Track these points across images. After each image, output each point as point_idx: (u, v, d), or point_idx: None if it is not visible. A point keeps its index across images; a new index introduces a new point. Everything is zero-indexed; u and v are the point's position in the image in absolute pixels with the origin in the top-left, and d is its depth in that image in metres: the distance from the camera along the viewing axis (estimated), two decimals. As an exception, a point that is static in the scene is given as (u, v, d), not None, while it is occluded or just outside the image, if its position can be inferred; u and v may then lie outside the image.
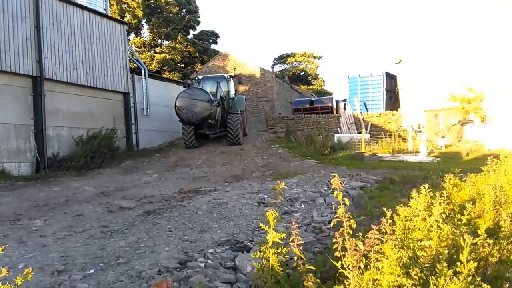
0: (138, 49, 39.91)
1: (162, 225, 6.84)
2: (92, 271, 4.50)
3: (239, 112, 20.47)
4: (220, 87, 20.00)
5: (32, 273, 1.74)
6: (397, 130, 22.88)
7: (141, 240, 5.89)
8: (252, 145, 20.07)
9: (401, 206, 3.54)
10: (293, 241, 3.29)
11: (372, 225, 2.89)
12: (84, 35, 18.42)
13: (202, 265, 4.50)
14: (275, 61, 59.94)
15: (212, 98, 18.13)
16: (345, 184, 10.43)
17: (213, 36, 46.83)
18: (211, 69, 34.45)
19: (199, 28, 45.23)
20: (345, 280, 2.86)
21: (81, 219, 7.61)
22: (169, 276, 4.16)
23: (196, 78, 22.20)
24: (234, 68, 27.56)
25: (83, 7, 18.60)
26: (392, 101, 29.36)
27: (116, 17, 27.90)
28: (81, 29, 18.32)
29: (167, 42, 42.85)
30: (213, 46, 46.12)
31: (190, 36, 43.96)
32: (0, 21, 14.73)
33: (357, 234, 3.02)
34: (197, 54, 43.36)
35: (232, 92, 22.02)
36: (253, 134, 23.30)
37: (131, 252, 5.23)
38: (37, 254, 5.31)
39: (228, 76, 22.20)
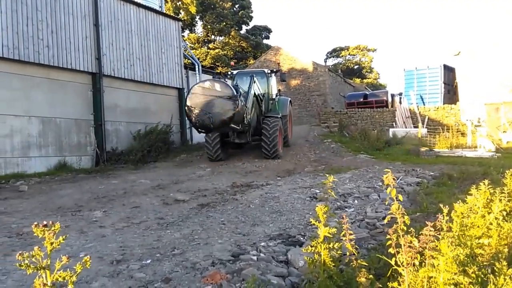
0: (192, 45, 40.70)
1: (215, 218, 6.96)
2: (148, 261, 4.65)
3: (279, 116, 16.42)
4: (254, 82, 15.54)
5: (90, 261, 1.82)
6: (455, 124, 21.96)
7: (195, 232, 6.03)
8: (304, 139, 19.96)
9: (459, 203, 3.41)
10: (344, 236, 3.26)
11: (427, 222, 2.81)
12: (140, 32, 19.04)
13: (255, 258, 4.54)
14: (328, 54, 59.30)
15: (236, 94, 12.90)
16: (400, 180, 10.17)
17: (265, 31, 46.96)
18: (263, 63, 34.53)
19: (251, 23, 45.55)
20: (399, 277, 2.81)
21: (138, 211, 7.89)
22: (223, 268, 4.23)
23: (229, 74, 17.62)
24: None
25: (139, 5, 19.19)
26: (451, 94, 28.23)
27: (171, 14, 28.56)
28: (138, 27, 18.94)
29: (220, 38, 43.43)
30: (265, 41, 46.29)
31: (242, 31, 44.32)
32: (62, 20, 15.51)
33: (411, 231, 2.94)
34: (250, 49, 43.65)
35: (274, 91, 18.10)
36: (305, 129, 23.15)
37: (186, 244, 5.37)
38: (96, 244, 5.55)
39: (268, 72, 17.94)
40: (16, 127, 14.02)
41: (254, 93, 15.43)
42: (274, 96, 17.68)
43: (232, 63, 25.15)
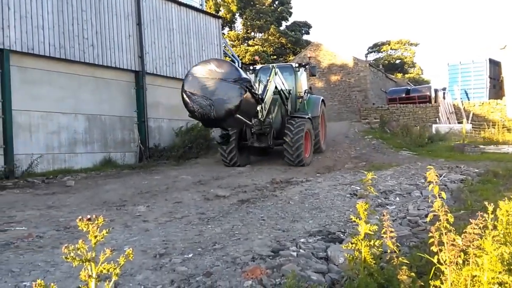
0: (232, 43, 40.99)
1: (255, 214, 7.01)
2: (190, 255, 4.73)
3: (307, 117, 14.21)
4: (276, 74, 13.22)
5: (133, 254, 1.87)
6: (501, 120, 21.13)
7: (236, 227, 6.09)
8: (344, 136, 19.73)
9: (505, 201, 3.30)
10: (385, 233, 3.22)
11: (471, 220, 2.74)
12: (181, 31, 19.36)
13: (294, 254, 4.54)
14: (369, 49, 58.27)
15: (245, 77, 10.43)
16: (444, 177, 9.90)
17: (305, 27, 46.66)
18: (302, 60, 34.33)
19: (291, 19, 45.37)
20: (441, 275, 2.75)
21: (180, 206, 8.04)
22: (262, 263, 4.26)
23: (252, 69, 15.26)
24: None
25: (180, 3, 19.50)
26: (496, 89, 27.22)
27: (212, 12, 28.86)
28: (179, 25, 19.26)
29: (260, 35, 43.50)
30: (305, 37, 46.02)
31: (282, 28, 44.19)
32: (106, 20, 16.00)
33: (455, 229, 2.87)
34: (289, 45, 43.50)
35: (304, 88, 15.98)
36: (345, 125, 22.88)
37: (226, 239, 5.44)
38: (140, 237, 5.69)
39: (296, 66, 15.82)
40: (63, 124, 14.60)
41: (276, 88, 13.31)
42: (302, 94, 15.50)
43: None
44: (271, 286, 3.70)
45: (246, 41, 43.33)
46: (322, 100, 16.69)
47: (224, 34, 40.59)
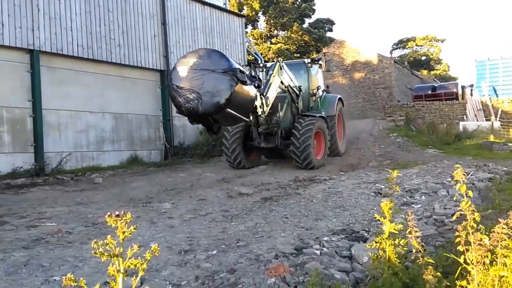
0: (255, 41, 41.03)
1: (278, 212, 7.02)
2: (214, 252, 4.78)
3: (318, 116, 13.05)
4: (281, 68, 12.12)
5: (159, 249, 1.91)
6: (531, 117, 20.55)
7: (259, 225, 6.12)
8: (368, 134, 19.53)
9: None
10: (410, 232, 3.19)
11: (500, 219, 2.69)
12: (205, 30, 19.49)
13: (318, 252, 4.54)
14: (393, 46, 57.46)
15: (235, 68, 9.10)
16: (471, 175, 9.71)
17: (328, 24, 46.33)
18: (323, 57, 34.10)
19: (314, 16, 45.10)
20: (468, 275, 2.71)
21: (204, 203, 8.12)
22: (286, 260, 4.27)
23: (261, 65, 14.45)
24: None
25: (204, 2, 19.63)
26: (526, 85, 26.46)
27: (235, 11, 28.94)
28: (203, 24, 19.40)
29: (283, 32, 43.39)
30: (328, 34, 45.68)
31: (305, 25, 43.98)
32: (132, 20, 16.27)
33: (482, 228, 2.83)
34: (313, 42, 43.25)
35: (319, 85, 14.88)
36: (369, 123, 22.64)
37: (250, 236, 5.47)
38: (166, 234, 5.78)
39: (309, 62, 14.77)
40: (91, 122, 14.94)
41: (282, 83, 12.24)
42: (315, 91, 14.40)
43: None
44: (294, 283, 3.71)
45: (269, 39, 43.29)
46: (340, 99, 15.55)
47: (247, 33, 40.65)
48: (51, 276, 4.12)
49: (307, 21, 44.64)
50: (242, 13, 32.00)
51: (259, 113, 11.00)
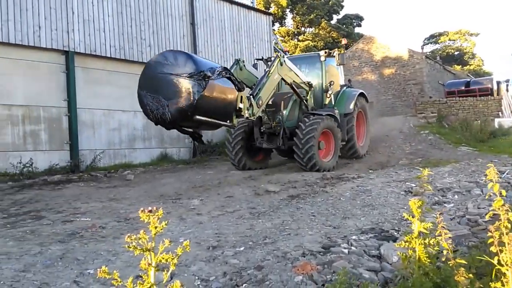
0: (283, 38, 40.92)
1: (305, 210, 7.01)
2: (242, 248, 4.83)
3: (325, 114, 11.89)
4: (281, 64, 10.80)
5: (189, 245, 1.95)
6: None
7: (286, 222, 6.13)
8: (398, 131, 19.21)
9: None
10: (440, 234, 3.14)
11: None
12: (233, 29, 19.61)
13: (346, 251, 4.52)
14: (425, 41, 56.34)
15: (202, 70, 7.96)
16: (507, 174, 9.43)
17: (357, 19, 45.78)
18: (354, 53, 33.74)
19: (342, 12, 44.63)
20: (502, 277, 2.66)
21: (232, 200, 8.20)
22: (313, 259, 4.27)
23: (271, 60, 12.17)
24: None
25: (232, 2, 19.74)
26: None
27: (262, 9, 28.94)
28: (231, 23, 19.52)
29: (311, 29, 43.12)
30: (357, 30, 45.18)
31: (333, 21, 43.58)
32: (162, 21, 16.56)
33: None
34: (341, 39, 42.83)
35: (338, 80, 13.89)
36: (399, 120, 22.25)
37: (277, 233, 5.49)
38: (194, 230, 5.88)
39: (322, 56, 13.27)
40: (123, 121, 15.30)
41: (283, 79, 11.11)
42: (328, 87, 12.95)
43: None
44: (322, 282, 3.71)
45: (296, 37, 43.09)
46: (361, 94, 14.07)
47: (275, 30, 40.58)
48: (86, 269, 4.26)
49: (335, 17, 44.29)
50: (269, 11, 31.96)
51: (246, 115, 9.64)
